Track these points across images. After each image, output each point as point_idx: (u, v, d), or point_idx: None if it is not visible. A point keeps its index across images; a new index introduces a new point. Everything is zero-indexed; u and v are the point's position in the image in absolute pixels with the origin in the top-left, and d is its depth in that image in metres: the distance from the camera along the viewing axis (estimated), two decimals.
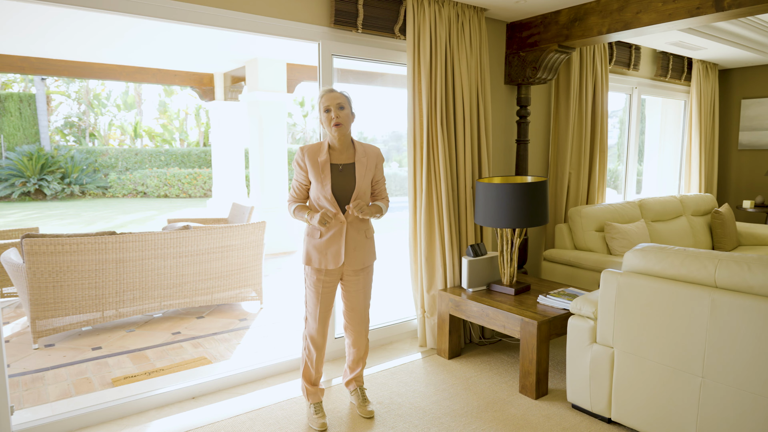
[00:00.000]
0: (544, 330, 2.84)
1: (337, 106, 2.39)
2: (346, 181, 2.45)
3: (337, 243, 2.45)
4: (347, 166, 2.47)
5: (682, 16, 3.07)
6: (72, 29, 5.10)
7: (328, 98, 2.41)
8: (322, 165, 2.42)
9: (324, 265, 2.46)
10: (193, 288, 4.44)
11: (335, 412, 2.73)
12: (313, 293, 2.51)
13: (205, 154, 18.29)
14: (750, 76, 6.09)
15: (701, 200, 5.15)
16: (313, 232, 2.48)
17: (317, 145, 2.48)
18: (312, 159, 2.44)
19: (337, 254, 2.46)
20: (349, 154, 2.49)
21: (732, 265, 2.16)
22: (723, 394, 2.13)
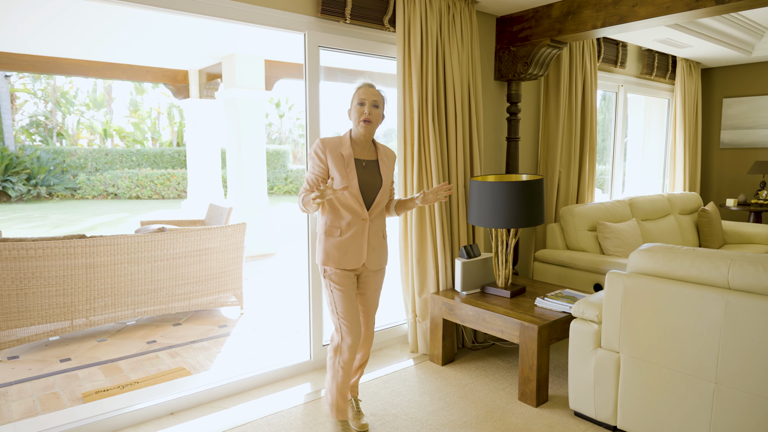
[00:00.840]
0: (544, 334, 2.72)
1: (372, 103, 2.28)
2: (371, 178, 2.34)
3: (358, 242, 2.32)
4: (370, 162, 2.37)
5: (680, 9, 2.99)
6: (36, 20, 4.80)
7: (365, 92, 2.29)
8: (347, 159, 2.28)
9: (344, 264, 2.31)
10: (170, 294, 4.20)
11: (323, 426, 2.56)
12: (342, 293, 2.32)
13: (178, 154, 17.84)
14: (731, 76, 6.12)
15: (688, 199, 5.13)
16: (332, 231, 2.33)
17: (337, 139, 2.34)
18: (334, 152, 2.28)
19: (359, 253, 2.32)
20: (371, 152, 2.39)
21: (746, 266, 2.07)
22: (738, 400, 2.04)
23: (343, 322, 2.33)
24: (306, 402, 2.80)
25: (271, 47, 6.52)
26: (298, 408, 2.73)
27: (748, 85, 6.00)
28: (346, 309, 2.33)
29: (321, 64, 3.08)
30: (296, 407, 2.74)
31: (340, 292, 2.32)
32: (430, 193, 2.40)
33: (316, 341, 3.23)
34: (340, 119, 13.52)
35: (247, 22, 2.78)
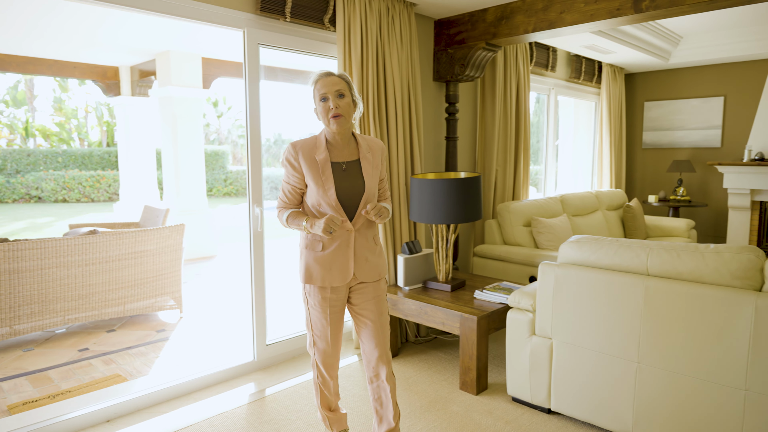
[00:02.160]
0: (483, 325, 2.83)
1: (336, 94, 1.96)
2: (352, 183, 2.04)
3: (344, 255, 2.05)
4: (351, 164, 2.05)
5: (603, 17, 3.19)
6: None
7: (324, 84, 1.97)
8: (322, 165, 1.99)
9: (329, 281, 2.05)
10: (103, 299, 4.03)
11: (268, 425, 2.55)
12: (320, 314, 2.10)
13: (109, 155, 17.00)
14: (651, 80, 6.57)
15: (614, 195, 5.46)
16: (313, 244, 2.06)
17: (311, 140, 2.05)
18: (308, 157, 2.00)
19: (345, 268, 2.05)
20: (351, 150, 2.07)
21: (663, 254, 2.25)
22: (658, 377, 2.21)
23: (320, 342, 2.14)
24: (250, 402, 2.77)
25: (208, 45, 6.38)
26: (242, 408, 2.70)
27: (666, 89, 6.46)
28: (323, 330, 2.11)
29: (261, 63, 3.06)
30: (240, 407, 2.71)
31: (319, 313, 2.10)
32: None
33: (259, 341, 3.20)
34: (282, 119, 13.27)
35: (185, 18, 2.73)
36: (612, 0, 3.13)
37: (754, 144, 5.48)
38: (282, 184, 2.11)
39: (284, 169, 2.07)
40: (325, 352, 2.15)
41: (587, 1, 3.23)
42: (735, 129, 5.97)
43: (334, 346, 2.15)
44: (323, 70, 2.04)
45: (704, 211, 6.29)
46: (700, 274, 2.15)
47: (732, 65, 5.93)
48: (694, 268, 2.16)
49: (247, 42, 2.96)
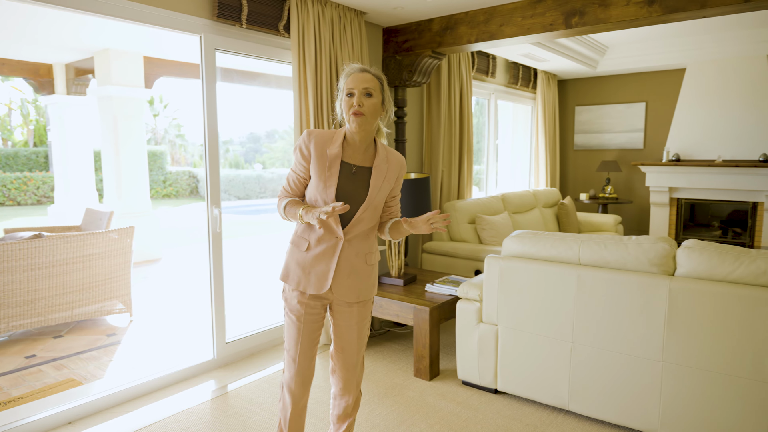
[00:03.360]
0: (435, 315, 3.04)
1: (363, 92, 1.81)
2: (356, 189, 1.86)
3: (326, 262, 1.87)
4: (362, 169, 1.88)
5: (538, 31, 3.49)
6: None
7: (354, 79, 1.83)
8: (331, 160, 1.84)
9: (303, 286, 1.88)
10: (49, 304, 3.94)
11: (234, 418, 2.64)
12: (292, 322, 1.91)
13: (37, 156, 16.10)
14: (581, 87, 7.06)
15: (549, 194, 5.86)
16: (299, 242, 1.90)
17: (330, 133, 1.89)
18: (319, 148, 1.85)
19: (323, 277, 1.87)
20: (367, 156, 1.90)
21: (592, 245, 2.54)
22: (589, 355, 2.50)
23: (287, 356, 1.95)
24: (214, 397, 2.85)
25: (150, 44, 6.28)
26: (206, 404, 2.78)
27: (594, 95, 6.97)
28: (292, 342, 1.92)
29: (218, 65, 3.13)
30: (204, 403, 2.78)
31: (292, 320, 1.91)
32: (420, 221, 1.84)
33: (219, 339, 3.27)
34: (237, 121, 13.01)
35: (142, 23, 2.77)
36: (546, 16, 3.43)
37: (672, 146, 6.04)
38: (288, 174, 1.96)
39: (294, 157, 1.92)
40: (292, 370, 1.94)
41: (524, 15, 3.52)
42: (655, 132, 6.54)
43: (302, 363, 1.92)
44: (359, 65, 1.90)
45: (630, 208, 6.84)
46: (624, 263, 2.44)
47: (652, 74, 6.50)
48: (619, 257, 2.46)
49: (204, 47, 3.02)
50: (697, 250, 2.31)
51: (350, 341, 1.98)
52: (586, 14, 3.28)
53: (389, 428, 2.53)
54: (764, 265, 2.12)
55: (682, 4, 2.96)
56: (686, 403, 2.26)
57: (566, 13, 3.35)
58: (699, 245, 2.33)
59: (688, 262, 2.30)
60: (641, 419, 2.39)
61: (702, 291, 2.19)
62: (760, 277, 2.12)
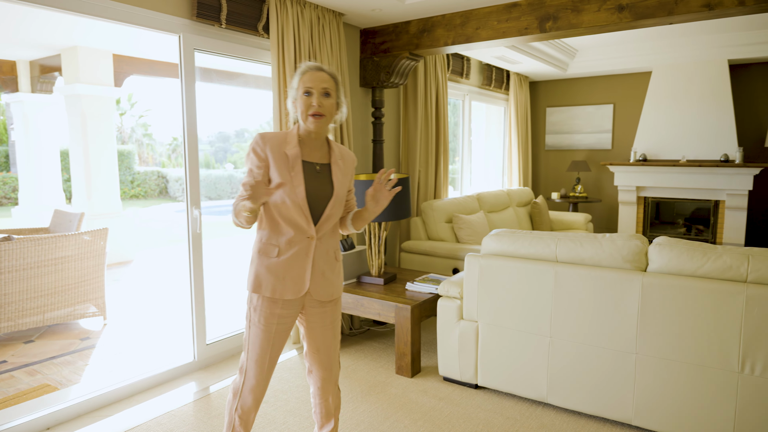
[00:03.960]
0: (416, 313, 3.09)
1: (322, 92, 1.80)
2: (321, 186, 1.86)
3: (300, 264, 1.84)
4: (323, 166, 1.90)
5: (513, 35, 3.57)
6: None
7: (312, 78, 1.80)
8: (293, 160, 1.81)
9: (280, 293, 1.82)
10: (19, 308, 3.84)
11: (218, 419, 2.64)
12: (262, 333, 1.84)
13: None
14: (552, 89, 7.24)
15: (523, 193, 5.99)
16: (268, 249, 1.85)
17: (281, 134, 1.86)
18: (276, 150, 1.81)
19: (300, 279, 1.84)
20: (323, 153, 1.91)
21: (569, 243, 2.63)
22: (567, 349, 2.58)
23: (250, 368, 1.88)
24: (196, 399, 2.83)
25: (120, 42, 6.15)
26: (188, 406, 2.76)
27: (565, 97, 7.15)
28: (259, 354, 1.86)
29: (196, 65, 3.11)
30: (186, 405, 2.77)
31: (261, 331, 1.85)
32: (375, 188, 1.90)
33: (200, 341, 3.25)
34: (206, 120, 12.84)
35: (120, 22, 2.73)
36: (521, 20, 3.52)
37: (639, 146, 6.25)
38: (244, 180, 1.80)
39: (247, 163, 1.86)
40: (253, 381, 1.88)
41: (500, 19, 3.60)
42: (623, 133, 6.75)
43: (265, 375, 1.89)
44: (314, 62, 1.90)
45: (599, 206, 7.04)
46: (598, 259, 2.54)
47: (620, 76, 6.71)
48: (594, 254, 2.55)
49: (183, 47, 3.00)
50: (668, 246, 2.42)
51: (326, 341, 1.96)
52: (560, 19, 3.38)
53: (374, 425, 2.57)
54: (730, 260, 2.24)
55: (651, 11, 3.09)
56: (658, 393, 2.37)
57: (540, 17, 3.44)
58: (669, 242, 2.44)
59: (660, 258, 2.41)
60: (616, 410, 2.49)
61: (672, 285, 2.30)
62: (726, 271, 2.24)
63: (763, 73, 5.89)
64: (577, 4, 3.30)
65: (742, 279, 2.22)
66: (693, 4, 2.97)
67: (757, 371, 2.16)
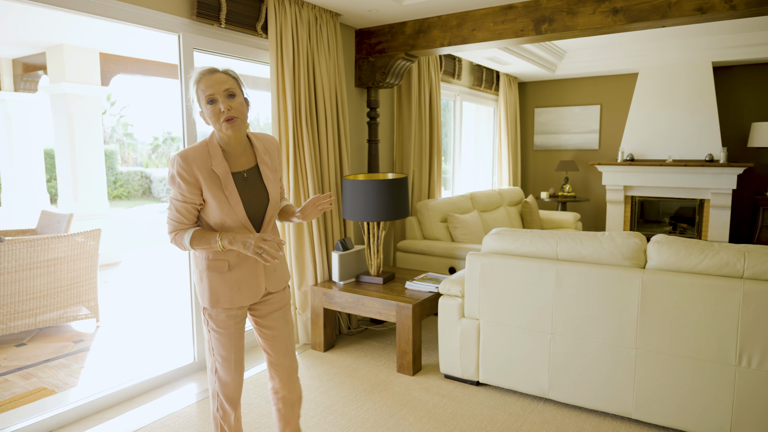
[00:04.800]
0: (417, 312, 3.12)
1: (226, 94, 1.71)
2: (255, 194, 1.84)
3: (253, 271, 1.86)
4: (251, 171, 1.84)
5: (509, 36, 3.62)
6: None
7: (209, 83, 1.71)
8: (224, 178, 1.75)
9: (239, 302, 1.85)
10: (11, 311, 3.78)
11: None
12: (226, 338, 1.88)
13: None
14: (540, 89, 7.33)
15: (514, 193, 6.06)
16: (217, 265, 1.82)
17: (201, 149, 1.77)
18: (203, 169, 1.74)
19: (256, 284, 1.87)
20: (249, 156, 1.85)
21: (569, 241, 2.68)
22: (568, 345, 2.64)
23: (222, 371, 1.91)
24: (199, 400, 2.82)
25: (106, 40, 6.07)
26: (191, 407, 2.75)
27: (553, 97, 7.24)
28: (227, 355, 1.90)
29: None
30: (189, 406, 2.76)
31: (224, 337, 1.88)
32: (308, 206, 1.99)
33: (200, 342, 3.23)
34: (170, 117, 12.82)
35: (119, 20, 2.71)
36: (516, 22, 3.57)
37: (626, 146, 6.37)
38: (173, 204, 1.78)
39: (174, 188, 1.77)
40: (229, 381, 1.92)
41: (496, 21, 3.65)
42: (609, 133, 6.87)
43: (238, 371, 1.94)
44: (205, 66, 1.76)
45: (587, 205, 7.15)
46: (598, 257, 2.60)
47: (607, 78, 6.82)
48: (594, 252, 2.61)
49: (182, 47, 2.98)
50: (666, 244, 2.48)
51: (279, 327, 1.98)
52: (555, 21, 3.44)
53: (379, 423, 2.59)
54: (727, 257, 2.31)
55: (645, 14, 3.16)
56: (658, 386, 2.43)
57: (536, 19, 3.50)
58: (667, 240, 2.50)
59: (658, 256, 2.47)
60: (617, 404, 2.54)
61: (671, 282, 2.37)
62: (724, 268, 2.31)
63: (746, 75, 6.05)
64: (573, 7, 3.36)
65: (739, 275, 2.29)
66: (686, 8, 3.05)
67: (753, 364, 2.23)
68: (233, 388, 1.93)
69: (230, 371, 1.90)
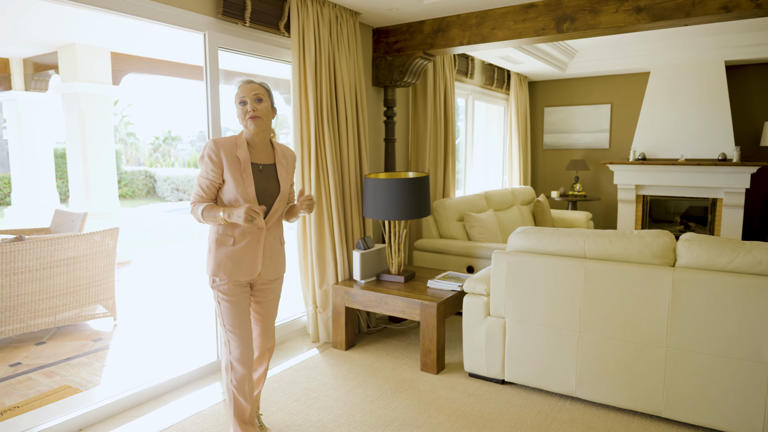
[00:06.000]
0: (441, 310, 3.13)
1: (255, 98, 2.12)
2: (268, 184, 2.19)
3: (253, 251, 2.17)
4: (267, 166, 2.21)
5: (529, 35, 3.62)
6: None
7: (244, 89, 2.13)
8: (244, 162, 2.12)
9: (236, 276, 2.15)
10: (32, 309, 3.78)
11: None
12: (231, 304, 2.17)
13: None
14: (550, 88, 7.33)
15: (525, 192, 6.06)
16: (224, 239, 2.15)
17: (232, 139, 2.16)
18: (229, 154, 2.11)
19: (253, 264, 2.18)
20: (268, 154, 2.23)
21: (597, 239, 2.68)
22: (597, 343, 2.64)
23: (231, 335, 2.19)
24: (225, 399, 2.82)
25: (117, 39, 6.07)
26: (218, 405, 2.76)
27: (563, 97, 7.24)
28: (236, 324, 2.18)
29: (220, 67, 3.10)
30: (217, 405, 2.76)
31: (229, 304, 2.17)
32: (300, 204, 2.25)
33: None
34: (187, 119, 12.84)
35: (145, 19, 2.71)
36: (537, 21, 3.57)
37: (638, 146, 6.37)
38: (199, 180, 2.16)
39: (202, 166, 2.14)
40: (240, 349, 2.19)
41: (516, 19, 3.65)
42: (620, 132, 6.87)
43: (249, 340, 2.21)
44: (245, 78, 2.18)
45: (598, 204, 7.15)
46: (627, 255, 2.60)
47: (617, 77, 6.82)
48: (623, 250, 2.61)
49: (208, 45, 2.99)
50: (696, 242, 2.48)
51: (270, 313, 2.35)
52: (577, 20, 3.44)
53: (408, 421, 2.59)
54: (760, 255, 2.31)
55: (669, 13, 3.16)
56: (689, 385, 2.44)
57: (558, 18, 3.50)
58: (698, 238, 2.51)
59: (689, 254, 2.47)
60: (646, 402, 2.55)
61: (703, 280, 2.37)
62: (757, 266, 2.31)
63: (759, 74, 6.04)
64: (595, 5, 3.36)
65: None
66: (710, 6, 3.05)
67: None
68: (248, 355, 2.21)
69: (243, 339, 2.19)
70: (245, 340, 2.20)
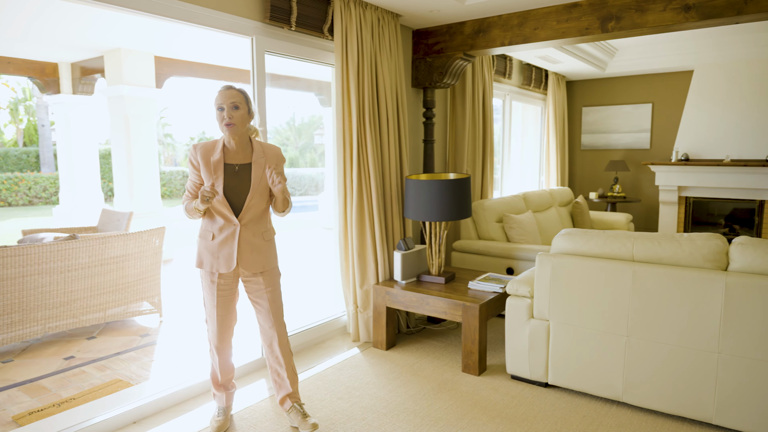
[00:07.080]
0: (483, 312, 3.12)
1: (231, 106, 2.28)
2: (241, 183, 2.35)
3: (229, 246, 2.36)
4: (243, 166, 2.37)
5: (573, 35, 3.58)
6: None
7: (222, 96, 2.28)
8: (215, 165, 2.33)
9: (216, 268, 2.37)
10: (84, 305, 3.94)
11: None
12: (209, 296, 2.44)
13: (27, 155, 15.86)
14: (588, 88, 7.21)
15: (564, 193, 5.98)
16: (205, 234, 2.40)
17: (212, 144, 2.38)
18: (205, 158, 2.34)
19: (229, 257, 2.36)
20: (246, 154, 2.39)
21: (646, 242, 2.64)
22: (644, 348, 2.60)
23: (208, 324, 2.49)
24: (271, 395, 2.89)
25: (160, 43, 6.26)
26: (265, 401, 2.82)
27: (601, 96, 7.12)
28: (210, 311, 2.45)
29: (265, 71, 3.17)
30: (264, 401, 2.83)
31: (208, 294, 2.43)
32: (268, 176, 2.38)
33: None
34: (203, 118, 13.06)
35: (196, 24, 2.79)
36: (581, 20, 3.53)
37: (680, 146, 6.21)
38: (187, 183, 2.44)
39: (188, 169, 2.43)
40: (213, 331, 2.49)
41: (559, 19, 3.61)
42: (662, 132, 6.71)
43: (221, 327, 2.48)
44: (226, 83, 2.34)
45: (637, 206, 7.00)
46: (677, 259, 2.55)
47: (659, 75, 6.66)
48: (673, 253, 2.56)
49: (255, 50, 3.06)
50: (750, 246, 2.42)
51: (270, 306, 2.48)
52: (623, 19, 3.38)
53: (452, 422, 2.60)
54: None
55: (719, 11, 3.08)
56: (742, 392, 2.38)
57: (603, 17, 3.45)
58: (751, 241, 2.44)
59: (743, 258, 2.41)
60: (696, 409, 2.49)
61: (759, 285, 2.30)
62: None
63: None
64: (642, 4, 3.30)
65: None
66: (764, 4, 2.96)
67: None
68: (218, 338, 2.50)
69: (214, 323, 2.47)
70: (220, 329, 2.48)
